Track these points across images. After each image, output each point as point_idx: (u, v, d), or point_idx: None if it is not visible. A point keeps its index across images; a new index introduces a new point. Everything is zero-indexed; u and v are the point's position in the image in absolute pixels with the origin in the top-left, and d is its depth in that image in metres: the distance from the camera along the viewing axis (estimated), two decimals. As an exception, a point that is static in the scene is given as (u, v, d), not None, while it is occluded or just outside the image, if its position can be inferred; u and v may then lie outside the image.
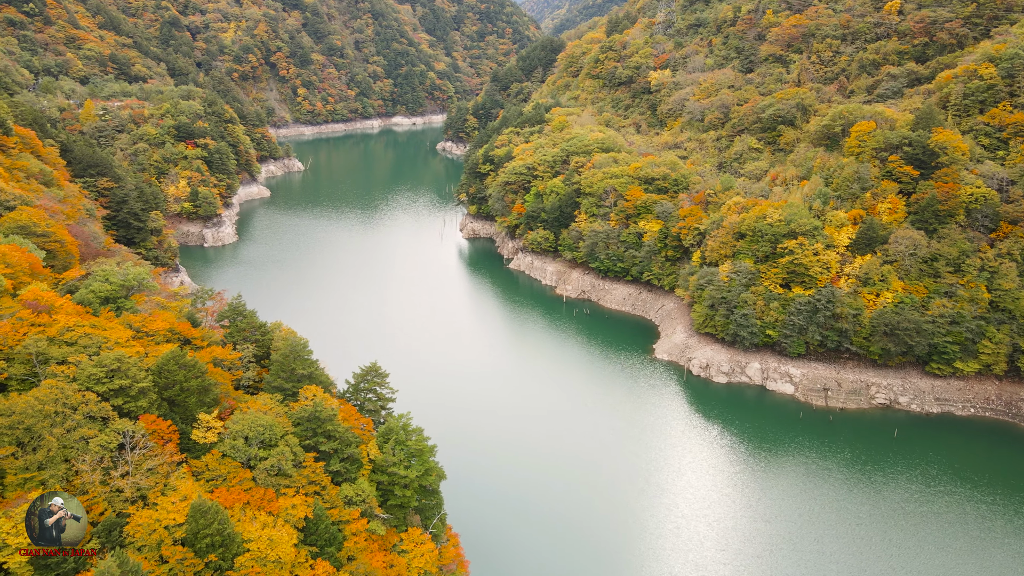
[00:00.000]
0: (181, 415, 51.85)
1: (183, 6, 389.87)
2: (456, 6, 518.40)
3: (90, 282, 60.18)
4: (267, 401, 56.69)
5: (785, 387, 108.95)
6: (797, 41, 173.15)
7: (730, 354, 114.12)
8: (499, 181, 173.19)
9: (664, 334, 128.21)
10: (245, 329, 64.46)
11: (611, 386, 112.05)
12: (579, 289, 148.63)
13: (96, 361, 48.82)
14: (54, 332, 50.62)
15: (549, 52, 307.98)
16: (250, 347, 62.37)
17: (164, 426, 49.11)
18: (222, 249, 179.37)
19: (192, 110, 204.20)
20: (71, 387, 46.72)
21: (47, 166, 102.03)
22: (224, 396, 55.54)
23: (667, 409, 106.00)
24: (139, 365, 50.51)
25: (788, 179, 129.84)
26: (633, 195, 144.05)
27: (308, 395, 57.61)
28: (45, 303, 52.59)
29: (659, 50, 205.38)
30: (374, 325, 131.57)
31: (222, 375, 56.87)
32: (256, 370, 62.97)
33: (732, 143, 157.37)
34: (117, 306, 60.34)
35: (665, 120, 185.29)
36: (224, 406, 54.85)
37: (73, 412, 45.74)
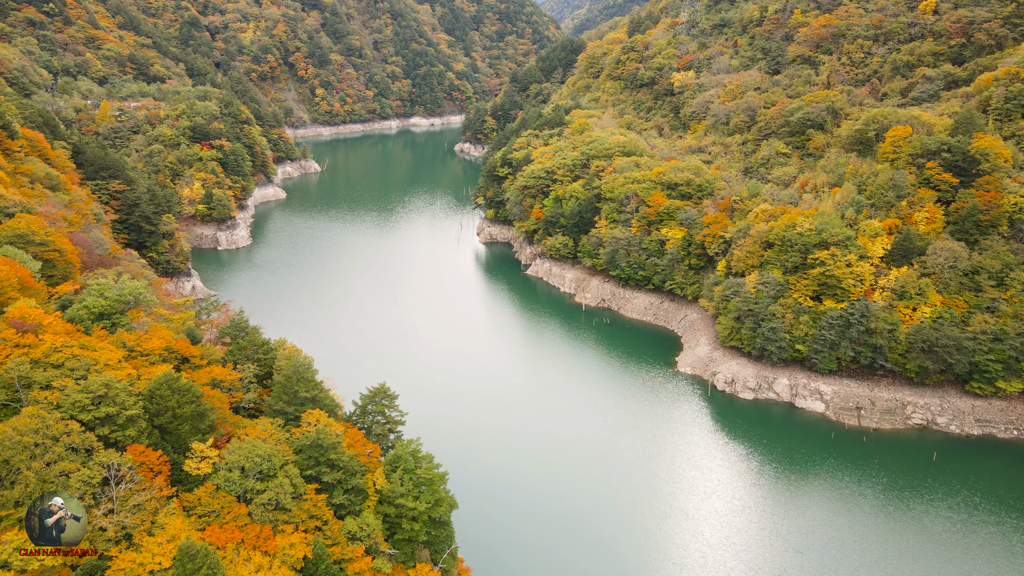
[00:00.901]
0: (173, 444, 48.37)
1: (203, 6, 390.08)
2: (476, 6, 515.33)
3: (84, 297, 57.02)
4: (267, 426, 53.06)
5: (815, 405, 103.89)
6: (827, 42, 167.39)
7: (757, 369, 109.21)
8: (517, 185, 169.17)
9: (687, 346, 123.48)
10: (247, 347, 60.98)
11: (632, 401, 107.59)
12: (599, 297, 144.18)
13: (83, 386, 45.43)
14: (39, 354, 47.35)
15: (569, 53, 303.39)
16: (251, 367, 58.85)
17: (154, 457, 45.61)
18: (236, 252, 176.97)
19: (208, 111, 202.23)
20: (53, 415, 43.34)
21: (54, 170, 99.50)
22: (221, 422, 52.02)
23: (691, 426, 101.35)
24: (129, 390, 47.04)
25: (818, 186, 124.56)
26: (655, 201, 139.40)
27: (311, 420, 53.94)
28: (32, 321, 49.35)
29: (682, 51, 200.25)
30: (387, 334, 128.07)
31: (220, 398, 53.32)
32: (258, 391, 59.45)
33: (758, 147, 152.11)
34: (112, 322, 57.08)
35: (688, 123, 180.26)
36: (220, 433, 51.32)
37: (54, 443, 42.35)
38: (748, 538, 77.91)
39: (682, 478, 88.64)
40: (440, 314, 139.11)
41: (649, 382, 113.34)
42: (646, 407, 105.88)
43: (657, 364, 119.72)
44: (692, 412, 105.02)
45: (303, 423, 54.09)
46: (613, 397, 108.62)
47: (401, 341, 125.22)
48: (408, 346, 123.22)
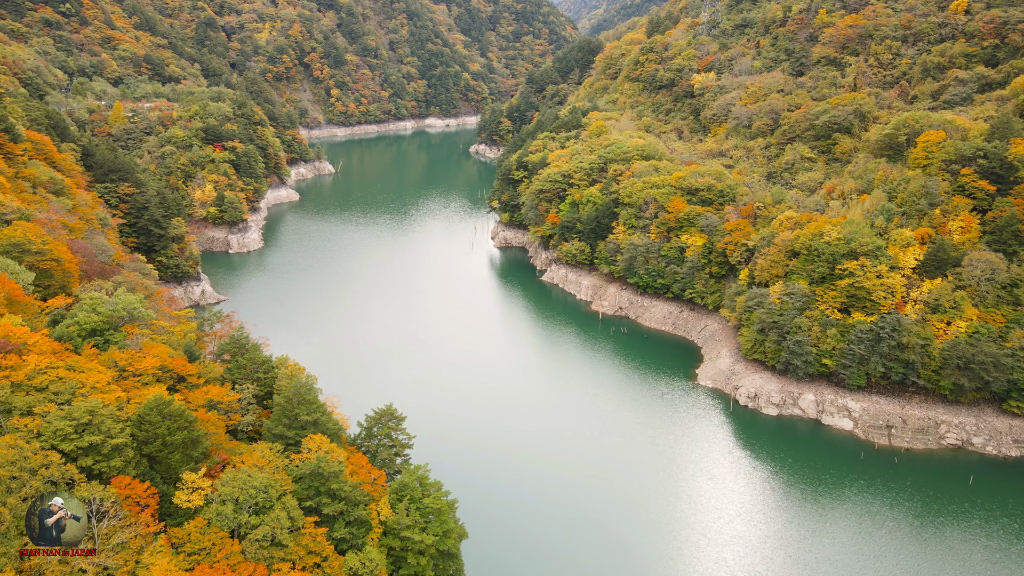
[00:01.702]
0: (163, 474, 45.23)
1: (219, 6, 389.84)
2: (492, 6, 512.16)
3: (75, 312, 54.08)
4: (265, 452, 49.80)
5: (843, 422, 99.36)
6: (853, 42, 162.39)
7: (781, 383, 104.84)
8: (533, 189, 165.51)
9: (707, 358, 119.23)
10: (246, 365, 57.79)
11: (650, 416, 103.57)
12: (616, 305, 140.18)
13: (66, 412, 42.37)
14: (21, 376, 44.38)
15: (586, 53, 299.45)
16: (251, 387, 55.63)
17: (141, 489, 42.45)
18: (247, 256, 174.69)
19: (221, 112, 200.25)
20: (32, 445, 40.28)
21: (58, 173, 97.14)
22: (215, 448, 48.82)
23: (712, 443, 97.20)
24: (116, 416, 43.93)
25: (846, 192, 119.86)
26: (675, 207, 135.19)
27: (312, 446, 50.61)
28: (16, 340, 46.41)
29: (703, 52, 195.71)
30: (397, 342, 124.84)
31: (215, 423, 50.14)
32: (257, 413, 56.22)
33: (782, 152, 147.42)
34: (105, 339, 54.10)
35: (709, 126, 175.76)
36: (215, 460, 48.14)
37: (32, 477, 39.26)
38: (774, 566, 73.81)
39: (704, 500, 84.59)
40: (452, 321, 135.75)
41: (668, 395, 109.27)
42: (665, 422, 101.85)
43: (676, 376, 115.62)
44: (713, 428, 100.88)
45: (303, 449, 50.80)
46: (631, 411, 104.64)
47: (411, 350, 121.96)
48: (418, 355, 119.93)
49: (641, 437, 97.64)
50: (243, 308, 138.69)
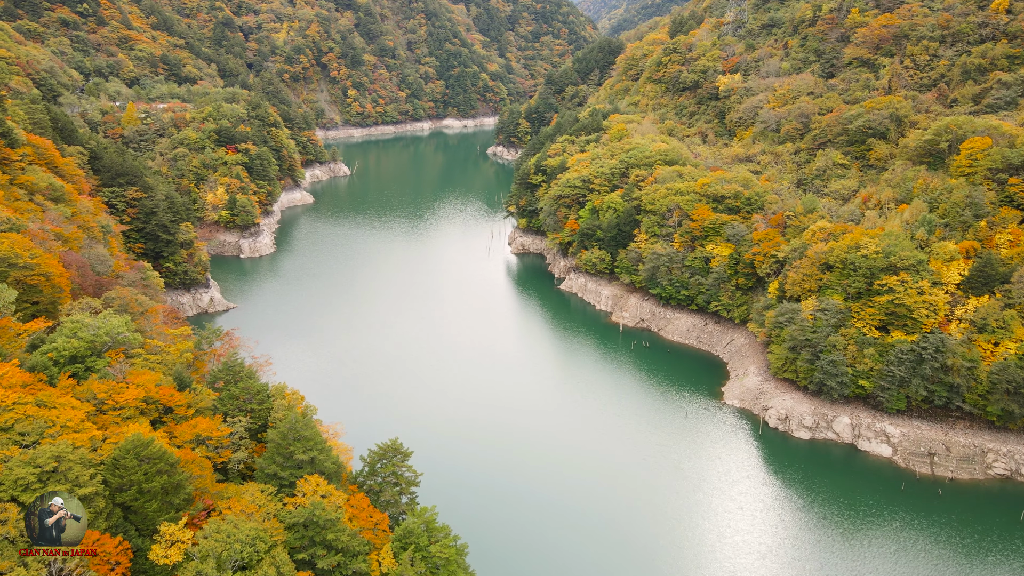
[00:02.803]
0: (138, 525, 40.69)
1: (237, 6, 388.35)
2: (511, 6, 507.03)
3: (55, 337, 49.82)
4: (256, 496, 45.14)
5: (881, 448, 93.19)
6: (887, 43, 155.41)
7: (814, 405, 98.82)
8: (551, 194, 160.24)
9: (734, 375, 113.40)
10: (240, 395, 53.20)
11: (674, 437, 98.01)
12: (637, 317, 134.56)
13: (30, 457, 37.90)
14: (-16, 415, 40.03)
15: (607, 54, 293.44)
16: (243, 420, 51.03)
17: (112, 545, 37.92)
18: (259, 261, 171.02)
19: (235, 114, 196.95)
20: (-11, 497, 35.87)
21: (58, 179, 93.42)
22: (200, 493, 44.21)
23: (740, 469, 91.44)
24: (87, 460, 39.46)
25: (883, 202, 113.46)
26: (700, 215, 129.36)
27: (307, 489, 45.88)
28: (-19, 373, 42.15)
29: (728, 52, 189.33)
30: (409, 355, 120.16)
31: (200, 463, 45.54)
32: (250, 448, 51.62)
33: (813, 157, 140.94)
34: (86, 367, 49.75)
35: (735, 129, 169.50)
36: (198, 507, 43.54)
37: (-15, 535, 34.84)
38: (811, 612, 68.19)
39: (733, 533, 78.98)
40: (467, 331, 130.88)
41: (693, 415, 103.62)
42: (689, 444, 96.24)
43: (701, 394, 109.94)
44: (742, 452, 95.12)
45: (298, 491, 46.06)
46: (654, 433, 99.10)
47: (423, 363, 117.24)
48: (430, 370, 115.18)
49: (664, 461, 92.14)
50: (251, 316, 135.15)
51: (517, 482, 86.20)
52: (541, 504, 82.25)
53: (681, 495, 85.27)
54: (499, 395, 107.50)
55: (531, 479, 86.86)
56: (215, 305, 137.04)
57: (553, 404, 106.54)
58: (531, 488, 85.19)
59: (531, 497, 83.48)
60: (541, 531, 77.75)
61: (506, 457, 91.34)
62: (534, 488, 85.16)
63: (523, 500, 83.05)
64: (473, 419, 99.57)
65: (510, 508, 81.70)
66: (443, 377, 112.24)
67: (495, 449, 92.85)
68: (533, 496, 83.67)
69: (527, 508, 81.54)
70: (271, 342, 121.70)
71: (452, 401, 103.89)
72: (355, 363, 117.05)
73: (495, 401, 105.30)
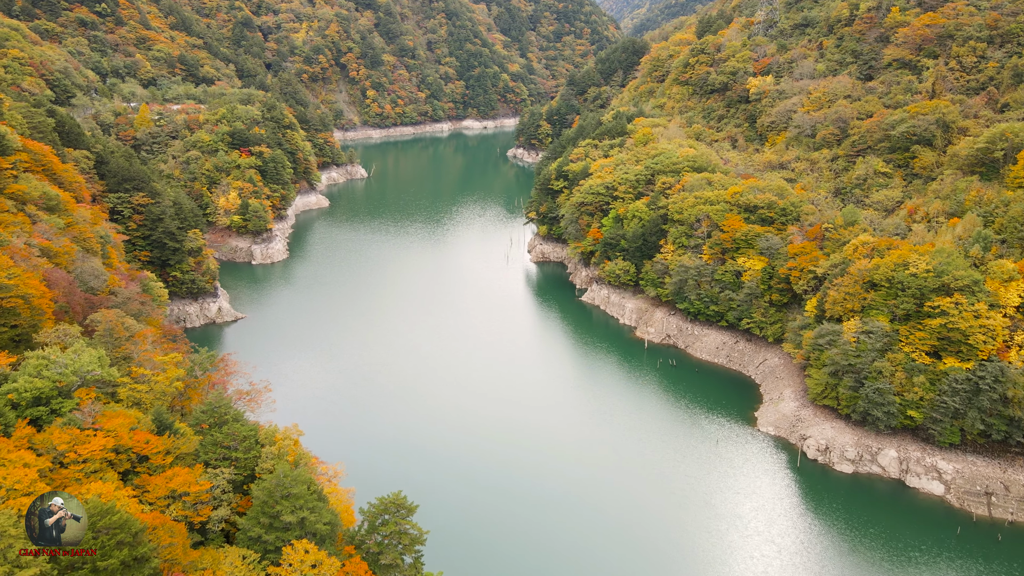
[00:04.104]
0: (93, 609, 34.87)
1: (256, 6, 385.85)
2: (533, 5, 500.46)
3: (17, 376, 44.34)
4: (235, 566, 39.22)
5: (932, 486, 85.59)
6: (931, 44, 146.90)
7: (857, 436, 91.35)
8: (573, 201, 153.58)
9: (768, 398, 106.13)
10: (224, 441, 47.37)
11: (704, 467, 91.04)
12: (663, 333, 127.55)
13: (-36, 532, 32.21)
14: (-84, 478, 34.50)
15: (630, 54, 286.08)
16: (227, 471, 45.21)
17: (57, 638, 32.09)
18: (271, 267, 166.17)
19: (249, 115, 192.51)
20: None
21: (54, 187, 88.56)
22: (169, 566, 38.30)
23: (777, 504, 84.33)
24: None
25: (931, 215, 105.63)
26: (731, 225, 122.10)
27: (294, 558, 39.88)
28: (-80, 425, 36.65)
29: (759, 53, 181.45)
30: (420, 373, 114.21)
31: (174, 529, 39.63)
32: (233, 502, 45.76)
33: (852, 165, 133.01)
34: (52, 409, 44.20)
35: (766, 134, 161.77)
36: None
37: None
38: None
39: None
40: (483, 347, 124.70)
41: (724, 443, 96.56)
42: (721, 476, 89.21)
43: (732, 418, 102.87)
44: (778, 486, 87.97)
45: (284, 560, 40.07)
46: (682, 462, 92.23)
47: (435, 382, 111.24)
48: (442, 388, 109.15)
49: (694, 495, 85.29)
50: (260, 328, 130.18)
51: (532, 531, 79.13)
52: (558, 552, 75.70)
53: (714, 536, 78.44)
54: (516, 425, 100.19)
55: (548, 525, 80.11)
56: (223, 315, 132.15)
57: (574, 433, 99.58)
58: (548, 536, 78.54)
59: (548, 544, 76.78)
60: (555, 567, 71.42)
61: (519, 498, 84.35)
62: (551, 535, 78.38)
63: (539, 548, 76.55)
64: (486, 453, 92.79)
65: (525, 560, 75.24)
66: (456, 400, 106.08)
67: (508, 491, 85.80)
68: (550, 543, 76.93)
69: (544, 558, 75.07)
70: (277, 356, 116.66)
71: (465, 433, 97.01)
72: (364, 380, 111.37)
73: (511, 433, 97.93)
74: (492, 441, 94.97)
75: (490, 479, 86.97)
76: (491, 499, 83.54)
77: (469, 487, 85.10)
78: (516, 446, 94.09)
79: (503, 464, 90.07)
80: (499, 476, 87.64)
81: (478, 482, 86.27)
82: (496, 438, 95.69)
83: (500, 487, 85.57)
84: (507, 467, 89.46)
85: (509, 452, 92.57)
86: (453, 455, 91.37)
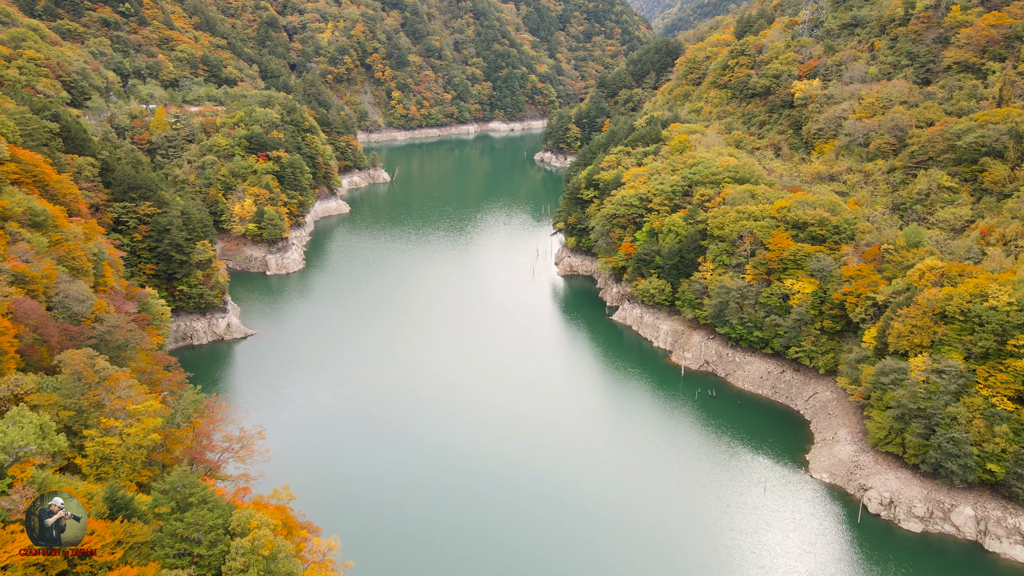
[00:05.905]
0: None
1: (282, 6, 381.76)
2: (562, 5, 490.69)
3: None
4: None
5: (1015, 551, 74.99)
6: (996, 45, 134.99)
7: (927, 489, 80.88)
8: (604, 212, 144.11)
9: (820, 439, 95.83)
10: (184, 532, 39.03)
11: (752, 519, 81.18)
12: (701, 359, 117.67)
13: None
14: None
15: (664, 55, 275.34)
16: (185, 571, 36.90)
17: None
18: (286, 278, 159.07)
19: (268, 119, 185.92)
20: None
21: (42, 202, 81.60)
22: None
23: (838, 568, 74.26)
24: None
25: (1008, 236, 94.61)
26: (778, 243, 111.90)
27: None
28: None
29: (804, 55, 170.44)
30: (438, 399, 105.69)
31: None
32: (195, 610, 37.54)
33: (912, 178, 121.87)
34: (-22, 491, 36.43)
35: (812, 142, 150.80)
36: None
37: None
38: None
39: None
40: (506, 373, 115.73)
41: (772, 491, 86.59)
42: (773, 531, 79.33)
43: (780, 460, 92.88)
44: (837, 545, 77.87)
45: None
46: (726, 512, 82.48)
47: (453, 415, 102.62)
48: (459, 422, 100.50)
49: (744, 555, 75.55)
50: (269, 345, 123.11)
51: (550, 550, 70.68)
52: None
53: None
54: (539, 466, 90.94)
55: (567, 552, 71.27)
56: (232, 332, 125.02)
57: (605, 472, 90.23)
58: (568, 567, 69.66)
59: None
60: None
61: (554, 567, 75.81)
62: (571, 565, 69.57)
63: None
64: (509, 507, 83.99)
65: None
66: (474, 437, 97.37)
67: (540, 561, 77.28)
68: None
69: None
70: (285, 379, 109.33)
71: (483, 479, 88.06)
72: (376, 405, 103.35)
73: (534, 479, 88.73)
74: (514, 502, 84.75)
75: (510, 541, 78.14)
76: (507, 533, 74.80)
77: (491, 554, 76.40)
78: (542, 497, 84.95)
79: (527, 522, 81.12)
80: (520, 539, 78.76)
81: (501, 549, 77.50)
82: (518, 502, 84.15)
83: (530, 558, 76.70)
84: (529, 528, 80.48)
85: (534, 508, 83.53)
86: (469, 509, 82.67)
